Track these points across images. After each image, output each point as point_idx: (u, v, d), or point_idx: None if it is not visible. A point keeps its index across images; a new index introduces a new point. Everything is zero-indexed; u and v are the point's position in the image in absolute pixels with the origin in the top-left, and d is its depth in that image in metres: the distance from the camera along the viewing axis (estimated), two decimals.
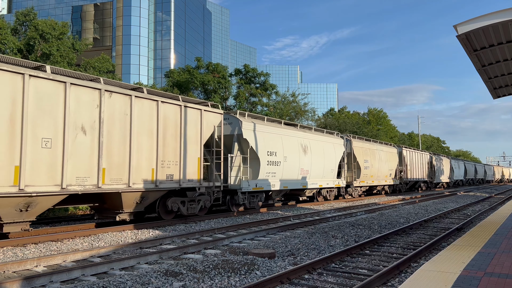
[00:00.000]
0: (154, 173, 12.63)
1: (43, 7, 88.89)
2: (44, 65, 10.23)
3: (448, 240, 10.71)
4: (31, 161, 9.59)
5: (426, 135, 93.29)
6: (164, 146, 13.01)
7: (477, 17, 8.64)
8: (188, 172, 13.87)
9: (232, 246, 9.64)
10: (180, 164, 13.54)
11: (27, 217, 9.85)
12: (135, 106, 12.10)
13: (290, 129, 19.91)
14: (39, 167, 9.75)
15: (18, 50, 26.84)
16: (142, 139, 12.28)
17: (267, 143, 17.70)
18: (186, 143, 13.82)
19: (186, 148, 13.83)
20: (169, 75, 37.39)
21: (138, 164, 12.13)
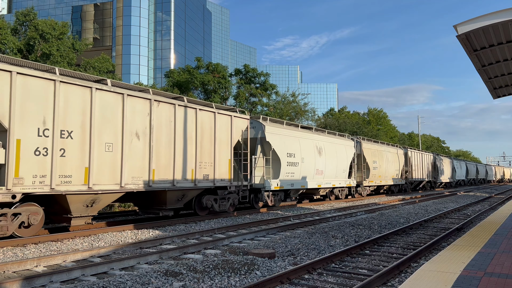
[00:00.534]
0: (193, 173, 14.20)
1: (43, 7, 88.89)
2: (105, 79, 11.67)
3: (448, 240, 10.71)
4: (97, 163, 11.12)
5: (426, 135, 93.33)
6: (201, 149, 14.55)
7: (477, 17, 8.65)
8: (220, 172, 15.40)
9: (232, 246, 9.64)
10: (214, 165, 15.08)
11: (91, 212, 11.38)
12: (178, 114, 13.64)
13: (306, 132, 21.27)
14: (103, 168, 11.28)
15: (18, 50, 26.84)
16: (183, 143, 13.83)
17: (287, 145, 19.04)
18: (219, 146, 15.34)
19: (219, 150, 15.34)
20: (169, 75, 37.39)
21: (180, 165, 13.65)
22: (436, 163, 43.78)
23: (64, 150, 10.45)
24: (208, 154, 14.82)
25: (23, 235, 9.90)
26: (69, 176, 10.50)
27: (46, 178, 10.01)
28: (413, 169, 36.34)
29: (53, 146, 10.20)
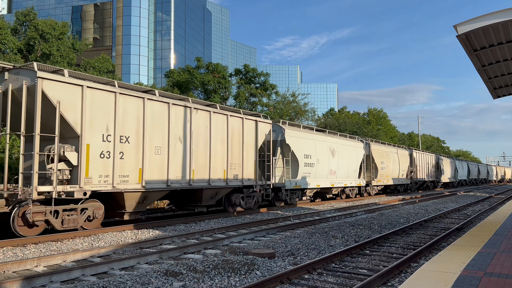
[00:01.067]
0: (225, 173, 15.62)
1: (43, 7, 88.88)
2: (154, 90, 13.09)
3: (448, 240, 10.71)
4: (148, 165, 12.51)
5: (426, 135, 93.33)
6: (231, 151, 15.93)
7: (477, 17, 8.65)
8: (248, 172, 16.79)
9: (232, 246, 9.64)
10: (242, 166, 16.47)
11: (141, 208, 12.86)
12: (212, 120, 15.02)
13: (321, 135, 22.84)
14: (153, 169, 12.69)
15: (18, 50, 26.84)
16: (217, 146, 15.23)
17: (304, 147, 20.52)
18: (246, 148, 16.72)
19: (246, 152, 16.71)
20: (169, 75, 37.40)
21: (215, 166, 15.07)
22: (439, 164, 45.06)
23: (122, 153, 11.88)
24: (237, 156, 16.24)
25: (88, 227, 11.32)
26: (126, 176, 11.94)
27: (109, 178, 11.46)
28: (417, 169, 37.73)
29: (114, 150, 11.62)
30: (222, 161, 15.40)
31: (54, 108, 10.35)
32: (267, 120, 18.07)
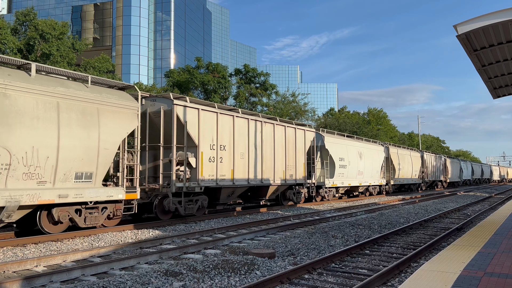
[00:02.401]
0: (284, 174, 18.94)
1: (43, 7, 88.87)
2: (237, 108, 16.82)
3: (448, 240, 10.71)
4: (236, 166, 15.93)
5: (426, 135, 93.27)
6: (288, 155, 19.27)
7: (477, 17, 8.64)
8: (299, 173, 20.08)
9: (232, 246, 9.64)
10: (295, 167, 19.80)
11: (228, 200, 16.40)
12: (275, 130, 18.47)
13: (351, 140, 26.66)
14: (239, 170, 16.10)
15: (18, 50, 26.82)
16: (278, 152, 18.65)
17: (339, 151, 24.11)
18: (298, 152, 20.04)
19: (298, 156, 20.00)
20: (169, 75, 37.39)
21: (277, 168, 18.45)
22: (446, 164, 48.58)
23: (221, 158, 15.27)
24: (292, 159, 19.56)
25: (198, 214, 14.92)
26: (223, 175, 15.31)
27: (214, 177, 14.81)
28: (428, 170, 41.21)
29: (217, 155, 15.02)
30: (281, 163, 18.84)
31: (182, 126, 13.82)
32: (311, 129, 21.98)
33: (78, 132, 10.71)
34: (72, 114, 10.62)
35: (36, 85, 9.98)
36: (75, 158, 10.63)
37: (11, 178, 9.37)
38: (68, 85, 10.81)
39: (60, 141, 10.30)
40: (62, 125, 10.36)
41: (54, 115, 10.24)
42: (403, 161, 34.30)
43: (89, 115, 11.00)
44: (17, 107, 9.57)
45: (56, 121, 10.25)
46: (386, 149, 31.76)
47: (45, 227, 10.51)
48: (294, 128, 19.85)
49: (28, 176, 9.74)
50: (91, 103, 11.13)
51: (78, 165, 10.73)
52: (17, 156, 9.49)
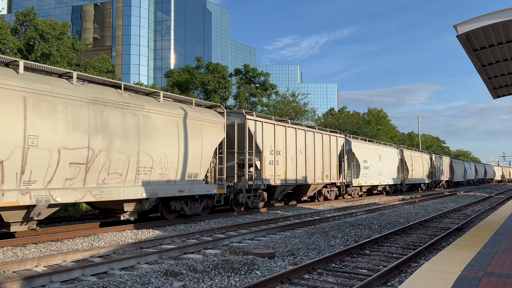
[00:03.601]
0: (322, 174, 22.32)
1: (43, 7, 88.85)
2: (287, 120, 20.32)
3: (448, 240, 10.71)
4: (287, 168, 19.28)
5: (426, 135, 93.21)
6: (324, 159, 22.52)
7: (477, 17, 8.64)
8: (332, 173, 23.45)
9: (232, 246, 9.63)
10: (330, 169, 23.21)
11: (279, 196, 20.21)
12: (315, 137, 21.84)
13: (372, 144, 30.24)
14: (289, 171, 19.43)
15: (18, 50, 26.83)
16: (317, 155, 21.86)
17: (363, 154, 27.52)
18: (332, 156, 23.54)
19: (332, 159, 23.45)
20: (169, 75, 37.37)
21: (317, 169, 21.72)
22: (452, 165, 51.88)
23: (277, 161, 18.64)
24: (327, 161, 22.91)
25: (260, 206, 18.21)
26: (279, 175, 18.66)
27: (273, 177, 18.18)
28: (436, 170, 44.61)
29: (274, 159, 18.42)
30: (320, 165, 22.02)
31: (251, 136, 17.32)
32: (341, 135, 25.42)
33: (190, 142, 13.93)
34: (187, 129, 13.95)
35: (164, 108, 13.10)
36: (188, 162, 13.87)
37: (152, 177, 12.53)
38: (184, 107, 14.04)
39: (180, 149, 13.48)
40: (180, 138, 13.57)
41: (175, 130, 13.38)
42: (415, 162, 37.71)
43: (195, 130, 14.25)
44: (155, 125, 12.66)
45: (177, 135, 13.39)
46: (401, 152, 35.18)
47: (165, 215, 13.75)
48: (328, 135, 23.40)
49: (161, 176, 12.88)
50: (197, 120, 14.33)
51: (190, 167, 13.95)
52: (155, 161, 12.60)
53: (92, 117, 10.95)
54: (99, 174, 11.05)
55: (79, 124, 10.63)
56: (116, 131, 11.51)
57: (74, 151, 10.47)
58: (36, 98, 9.79)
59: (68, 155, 10.31)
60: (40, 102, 9.84)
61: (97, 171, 11.00)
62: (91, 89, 11.23)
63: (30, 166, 9.54)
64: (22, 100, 9.53)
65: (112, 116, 11.45)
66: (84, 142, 10.71)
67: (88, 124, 10.83)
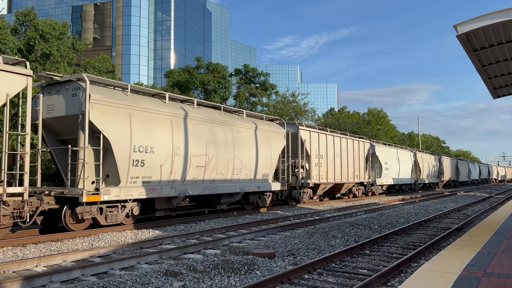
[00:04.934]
0: (353, 175, 26.02)
1: (43, 7, 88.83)
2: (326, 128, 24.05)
3: (448, 240, 10.71)
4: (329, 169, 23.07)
5: (426, 135, 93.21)
6: (354, 161, 26.26)
7: (477, 17, 8.64)
8: (361, 174, 27.26)
9: (232, 246, 9.63)
10: (359, 170, 26.93)
11: (321, 193, 23.63)
12: (348, 143, 25.60)
13: (391, 147, 34.44)
14: (329, 172, 23.05)
15: (18, 50, 26.82)
16: (349, 158, 25.61)
17: (385, 156, 31.51)
18: (360, 159, 27.24)
19: (360, 161, 27.25)
20: (169, 75, 37.37)
21: (350, 171, 25.46)
22: (458, 166, 55.74)
23: (321, 164, 22.26)
24: (357, 163, 26.61)
25: (306, 201, 21.81)
26: (322, 176, 22.30)
27: (317, 177, 21.79)
28: (444, 170, 48.59)
29: (319, 161, 22.13)
30: (351, 167, 25.67)
31: (302, 143, 21.08)
32: (367, 140, 29.27)
33: (263, 149, 17.62)
34: (261, 139, 17.58)
35: (247, 123, 16.94)
36: (263, 164, 17.53)
37: (241, 176, 16.30)
38: (258, 122, 17.86)
39: (258, 154, 17.19)
40: (258, 146, 17.30)
41: (254, 140, 17.14)
42: (425, 163, 41.51)
43: (266, 139, 17.95)
44: (242, 137, 16.47)
45: (255, 144, 17.09)
46: (414, 154, 38.96)
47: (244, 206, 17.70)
48: (358, 141, 27.12)
49: (246, 175, 16.60)
50: (267, 132, 18.06)
51: (263, 169, 17.60)
52: (243, 164, 16.31)
53: (207, 132, 14.71)
54: (211, 174, 14.90)
55: (200, 138, 14.37)
56: (221, 142, 15.29)
57: (198, 157, 14.28)
58: (176, 120, 13.51)
59: (195, 160, 14.11)
60: (179, 122, 13.58)
61: (210, 172, 14.82)
62: (205, 111, 14.99)
63: (175, 168, 13.30)
64: (170, 122, 13.24)
65: (218, 131, 15.27)
66: (203, 151, 14.49)
67: (205, 137, 14.58)
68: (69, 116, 11.46)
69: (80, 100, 11.15)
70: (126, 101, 11.94)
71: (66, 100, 11.56)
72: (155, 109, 12.77)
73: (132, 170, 11.92)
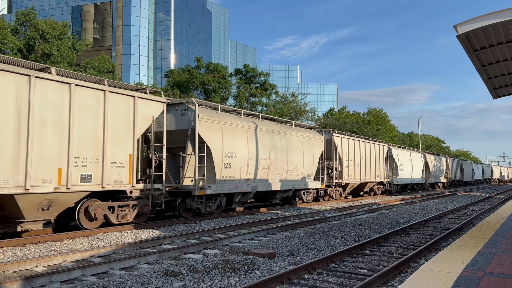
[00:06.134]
0: (375, 175, 29.23)
1: (43, 7, 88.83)
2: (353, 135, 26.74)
3: (448, 240, 10.71)
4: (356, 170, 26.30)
5: (426, 135, 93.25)
6: (375, 163, 29.60)
7: (477, 17, 8.64)
8: (381, 174, 30.60)
9: (232, 246, 9.63)
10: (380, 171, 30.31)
11: (349, 191, 26.91)
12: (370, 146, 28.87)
13: (405, 150, 37.97)
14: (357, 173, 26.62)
15: (18, 50, 26.81)
16: (372, 161, 28.94)
17: (400, 159, 35.03)
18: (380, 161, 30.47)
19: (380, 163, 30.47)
20: (169, 75, 37.35)
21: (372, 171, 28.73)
22: (462, 166, 59.70)
23: (350, 165, 25.41)
24: (378, 165, 29.92)
25: (338, 198, 24.74)
26: (351, 175, 25.59)
27: (347, 177, 25.06)
28: (450, 171, 52.36)
29: (348, 163, 25.36)
30: (374, 168, 29.04)
31: (336, 147, 24.31)
32: (386, 144, 32.28)
33: (307, 153, 20.82)
34: (306, 144, 20.85)
35: (296, 132, 20.23)
36: (307, 166, 20.73)
37: (292, 177, 19.66)
38: (303, 130, 21.26)
39: (303, 158, 20.48)
40: (304, 150, 20.61)
41: (301, 145, 20.41)
42: (435, 165, 45.76)
43: (309, 145, 21.19)
44: (293, 143, 19.69)
45: (301, 148, 20.36)
46: (424, 156, 42.34)
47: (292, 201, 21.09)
48: (378, 145, 30.46)
49: (296, 175, 19.92)
50: (310, 138, 21.31)
51: (308, 170, 20.86)
52: (294, 165, 19.62)
53: (269, 140, 18.06)
54: (272, 174, 18.21)
55: (265, 145, 17.69)
56: (278, 148, 18.61)
57: (264, 160, 17.58)
58: (250, 131, 16.94)
59: (261, 163, 17.40)
60: (251, 133, 16.98)
61: (272, 172, 18.15)
62: (266, 123, 18.38)
63: (249, 169, 16.69)
64: (245, 133, 16.62)
65: (276, 139, 18.64)
66: (267, 155, 17.83)
67: (268, 144, 17.91)
68: (179, 130, 14.76)
69: (189, 118, 14.52)
70: (218, 118, 15.40)
71: (176, 118, 14.90)
72: (236, 123, 16.17)
73: (223, 171, 15.42)
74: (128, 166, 11.94)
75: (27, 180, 9.52)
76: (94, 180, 11.02)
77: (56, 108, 10.24)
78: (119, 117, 11.74)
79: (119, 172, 11.68)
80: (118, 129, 11.75)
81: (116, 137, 11.67)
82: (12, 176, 9.33)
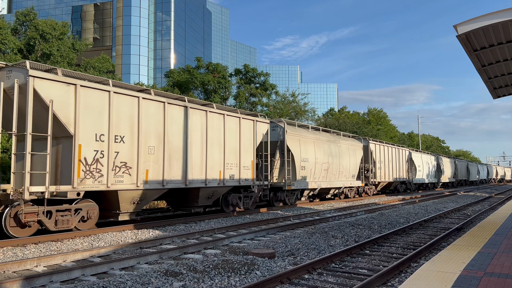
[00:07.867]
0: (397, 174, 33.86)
1: (43, 7, 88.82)
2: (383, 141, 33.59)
3: (448, 240, 10.71)
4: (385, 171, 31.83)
5: (426, 135, 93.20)
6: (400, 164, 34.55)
7: (477, 17, 8.64)
8: (404, 174, 35.44)
9: (232, 246, 9.63)
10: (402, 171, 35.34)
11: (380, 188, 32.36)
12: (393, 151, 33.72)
13: (421, 153, 42.59)
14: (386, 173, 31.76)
15: (18, 50, 26.81)
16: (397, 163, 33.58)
17: (417, 161, 39.02)
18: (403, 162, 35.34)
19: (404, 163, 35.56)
20: (169, 75, 37.34)
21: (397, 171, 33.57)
22: (468, 167, 63.83)
23: (381, 167, 30.50)
24: (401, 166, 34.85)
25: (371, 194, 30.13)
26: (382, 176, 30.51)
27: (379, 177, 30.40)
28: (458, 172, 56.07)
29: (380, 165, 30.51)
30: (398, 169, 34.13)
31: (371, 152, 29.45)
32: (407, 148, 37.10)
33: (352, 157, 25.45)
34: (350, 150, 25.38)
35: (344, 140, 24.90)
36: (352, 168, 25.39)
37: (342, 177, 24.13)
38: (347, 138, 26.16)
39: (349, 161, 25.01)
40: (350, 155, 25.20)
41: (347, 151, 24.96)
42: (446, 165, 49.83)
43: (352, 150, 25.74)
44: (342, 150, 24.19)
45: (348, 154, 24.97)
46: (436, 158, 46.74)
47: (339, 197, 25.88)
48: (402, 149, 35.41)
49: (344, 176, 24.40)
50: (353, 145, 25.88)
51: (352, 171, 25.33)
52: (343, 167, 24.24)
53: (327, 147, 22.70)
54: (329, 175, 22.75)
55: (324, 151, 22.34)
56: (332, 153, 23.15)
57: (324, 164, 22.23)
58: (316, 141, 21.86)
59: (323, 166, 22.09)
60: (316, 142, 21.91)
61: (329, 173, 22.70)
62: (324, 135, 23.08)
63: (316, 171, 21.48)
64: (313, 143, 21.52)
65: (331, 146, 23.24)
66: (326, 159, 22.49)
67: (327, 151, 22.56)
68: (271, 142, 19.21)
69: (279, 133, 19.64)
70: (297, 132, 20.47)
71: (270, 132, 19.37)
72: (307, 135, 21.28)
73: (301, 172, 20.13)
74: (251, 169, 16.93)
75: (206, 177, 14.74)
76: (236, 178, 16.03)
77: (217, 131, 15.32)
78: (246, 135, 16.72)
79: (247, 173, 16.63)
80: (246, 143, 16.70)
81: (245, 148, 16.57)
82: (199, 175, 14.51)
